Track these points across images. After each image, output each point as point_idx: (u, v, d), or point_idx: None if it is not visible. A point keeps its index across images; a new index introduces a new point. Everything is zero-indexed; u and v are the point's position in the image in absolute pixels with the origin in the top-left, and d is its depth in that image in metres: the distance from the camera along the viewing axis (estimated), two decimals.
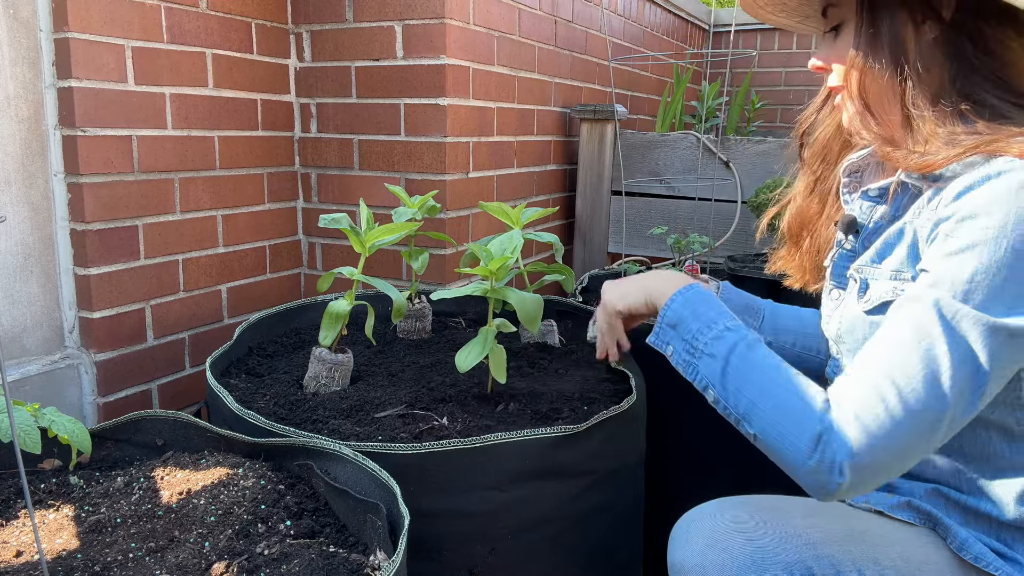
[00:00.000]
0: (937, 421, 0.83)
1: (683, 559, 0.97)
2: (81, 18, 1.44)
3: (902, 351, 0.84)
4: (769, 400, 0.90)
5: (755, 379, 0.93)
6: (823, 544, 0.93)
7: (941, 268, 0.85)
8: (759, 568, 0.91)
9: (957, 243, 0.84)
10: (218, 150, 1.75)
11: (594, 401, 1.25)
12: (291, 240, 2.01)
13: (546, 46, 2.27)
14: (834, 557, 0.92)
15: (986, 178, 0.84)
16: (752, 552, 0.92)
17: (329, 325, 1.27)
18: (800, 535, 0.94)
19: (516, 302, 1.21)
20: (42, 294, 1.50)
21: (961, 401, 0.82)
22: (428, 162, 1.85)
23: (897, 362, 0.84)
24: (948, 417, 0.83)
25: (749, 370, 0.94)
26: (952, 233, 0.85)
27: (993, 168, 0.84)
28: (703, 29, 3.86)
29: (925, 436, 0.83)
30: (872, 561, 0.93)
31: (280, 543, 0.89)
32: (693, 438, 1.57)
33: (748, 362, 0.94)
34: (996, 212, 0.82)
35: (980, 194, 0.84)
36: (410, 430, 1.13)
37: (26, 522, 0.96)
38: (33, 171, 1.46)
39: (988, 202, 0.82)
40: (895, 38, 0.93)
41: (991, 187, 0.83)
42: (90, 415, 1.55)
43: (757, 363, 0.94)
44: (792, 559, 0.92)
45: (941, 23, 0.93)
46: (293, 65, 1.94)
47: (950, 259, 0.84)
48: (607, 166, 2.40)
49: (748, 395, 0.92)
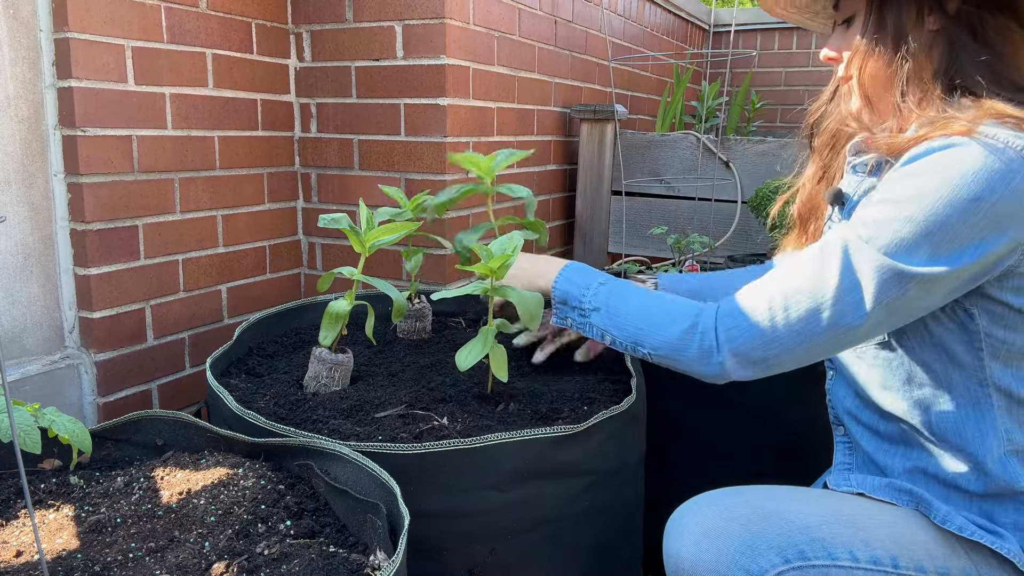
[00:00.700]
0: (815, 335, 0.96)
1: (678, 550, 0.99)
2: (81, 18, 1.44)
3: (801, 268, 0.98)
4: (645, 318, 1.08)
5: (630, 308, 1.10)
6: (814, 528, 0.97)
7: (866, 212, 0.95)
8: (753, 553, 0.94)
9: (886, 194, 0.94)
10: (218, 150, 1.75)
11: (594, 401, 1.25)
12: (291, 240, 2.01)
13: (546, 46, 2.27)
14: (826, 540, 0.96)
15: (932, 148, 0.92)
16: (746, 538, 0.95)
17: (329, 325, 1.27)
18: (792, 520, 0.97)
19: (517, 300, 1.20)
20: (42, 294, 1.50)
21: (840, 323, 0.94)
22: (428, 162, 1.85)
23: (793, 276, 0.98)
24: (828, 334, 0.95)
25: (624, 304, 1.11)
26: (887, 186, 0.94)
27: (945, 140, 0.91)
28: (703, 29, 3.86)
29: (803, 344, 0.97)
30: (862, 543, 0.96)
31: (280, 543, 0.89)
32: (693, 437, 1.57)
33: (622, 298, 1.12)
34: (928, 176, 0.90)
35: (925, 160, 0.92)
36: (410, 430, 1.13)
37: (26, 522, 0.96)
38: (33, 171, 1.46)
39: (926, 167, 0.91)
40: (899, 27, 0.99)
41: (935, 156, 0.91)
42: (90, 415, 1.55)
43: (628, 296, 1.12)
44: (785, 543, 0.95)
45: (945, 15, 0.98)
46: (293, 65, 1.94)
47: (876, 206, 0.94)
48: (607, 166, 2.40)
49: (631, 323, 1.09)
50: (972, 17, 0.97)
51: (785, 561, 0.93)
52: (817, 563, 0.94)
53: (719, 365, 1.01)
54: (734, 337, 1.00)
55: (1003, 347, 0.97)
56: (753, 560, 0.93)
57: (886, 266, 0.91)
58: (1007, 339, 0.96)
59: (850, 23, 1.06)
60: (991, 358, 0.97)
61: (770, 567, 0.93)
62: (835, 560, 0.95)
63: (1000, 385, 0.98)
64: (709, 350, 1.01)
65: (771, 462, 1.46)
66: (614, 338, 1.11)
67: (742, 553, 0.94)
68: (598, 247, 2.47)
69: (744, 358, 1.00)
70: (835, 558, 0.95)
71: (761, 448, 1.52)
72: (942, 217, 0.89)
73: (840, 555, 0.95)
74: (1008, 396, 0.98)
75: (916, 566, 0.96)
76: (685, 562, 0.97)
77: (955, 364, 0.99)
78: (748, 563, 0.93)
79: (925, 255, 0.90)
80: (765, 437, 1.50)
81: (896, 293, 0.92)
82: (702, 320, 1.03)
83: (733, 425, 1.54)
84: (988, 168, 0.87)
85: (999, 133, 0.89)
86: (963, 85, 0.97)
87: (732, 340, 1.00)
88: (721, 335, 1.01)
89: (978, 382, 0.98)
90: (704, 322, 1.03)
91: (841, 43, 1.08)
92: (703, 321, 1.03)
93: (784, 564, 0.93)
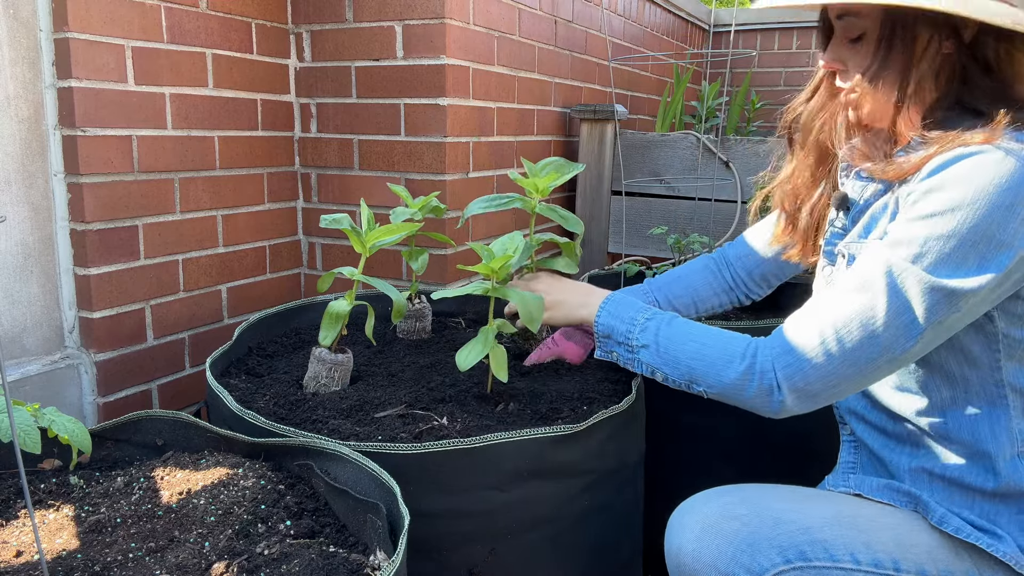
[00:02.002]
0: (870, 361, 0.96)
1: (680, 545, 1.00)
2: (81, 18, 1.44)
3: (847, 297, 0.97)
4: (699, 357, 1.08)
5: (682, 347, 1.10)
6: (816, 529, 0.97)
7: (901, 231, 0.95)
8: (753, 551, 0.94)
9: (920, 210, 0.93)
10: (218, 150, 1.75)
11: (594, 401, 1.25)
12: (291, 240, 2.01)
13: (546, 46, 2.27)
14: (827, 542, 0.96)
15: (958, 157, 0.91)
16: (746, 536, 0.96)
17: (329, 325, 1.27)
18: (793, 520, 0.97)
19: (517, 301, 1.20)
20: (42, 294, 1.50)
21: (895, 347, 0.94)
22: (428, 162, 1.85)
23: (840, 305, 0.97)
24: (883, 359, 0.95)
25: (674, 342, 1.11)
26: (919, 201, 0.93)
27: (966, 149, 0.91)
28: (703, 29, 3.86)
29: (860, 372, 0.97)
30: (864, 545, 0.97)
31: (280, 543, 0.89)
32: (693, 437, 1.57)
33: (671, 336, 1.12)
34: (960, 187, 0.90)
35: (951, 170, 0.91)
36: (410, 430, 1.13)
37: (26, 522, 0.96)
38: (33, 171, 1.46)
39: (955, 177, 0.91)
40: (910, 53, 0.98)
41: (961, 165, 0.91)
42: (90, 415, 1.55)
43: (678, 332, 1.12)
44: (786, 543, 0.95)
45: (960, 43, 0.97)
46: (293, 65, 1.94)
47: (911, 224, 0.94)
48: (607, 166, 2.40)
49: (685, 362, 1.09)
50: (987, 46, 0.97)
51: (786, 561, 0.94)
52: (818, 564, 0.94)
53: (780, 404, 1.01)
54: (792, 375, 1.00)
55: (1020, 347, 0.97)
56: (753, 558, 0.94)
57: (935, 285, 0.91)
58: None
59: (857, 40, 1.04)
60: (1007, 358, 0.98)
61: (771, 566, 0.93)
62: (836, 562, 0.95)
63: (1016, 385, 0.98)
64: (769, 390, 1.01)
65: (772, 462, 1.46)
66: (666, 375, 1.12)
67: (743, 551, 0.94)
68: (598, 247, 2.47)
69: (804, 393, 1.00)
70: (836, 560, 0.95)
71: (762, 448, 1.52)
72: (982, 228, 0.89)
73: (841, 557, 0.95)
74: (1022, 396, 0.98)
75: (918, 569, 0.96)
76: (686, 557, 0.98)
77: (972, 365, 1.00)
78: (749, 561, 0.94)
79: (971, 268, 0.90)
80: (766, 437, 1.50)
81: (947, 311, 0.92)
82: (759, 360, 1.03)
83: (734, 424, 1.53)
84: (1018, 173, 0.88)
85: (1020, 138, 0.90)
86: (966, 104, 0.98)
87: (791, 378, 1.00)
88: (780, 374, 1.01)
89: (994, 383, 0.99)
90: (761, 363, 1.02)
91: (847, 57, 1.06)
92: (760, 362, 1.03)
93: (785, 564, 0.94)
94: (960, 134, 0.93)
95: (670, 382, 1.12)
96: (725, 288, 1.46)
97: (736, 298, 1.47)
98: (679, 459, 1.56)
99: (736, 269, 1.45)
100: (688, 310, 1.46)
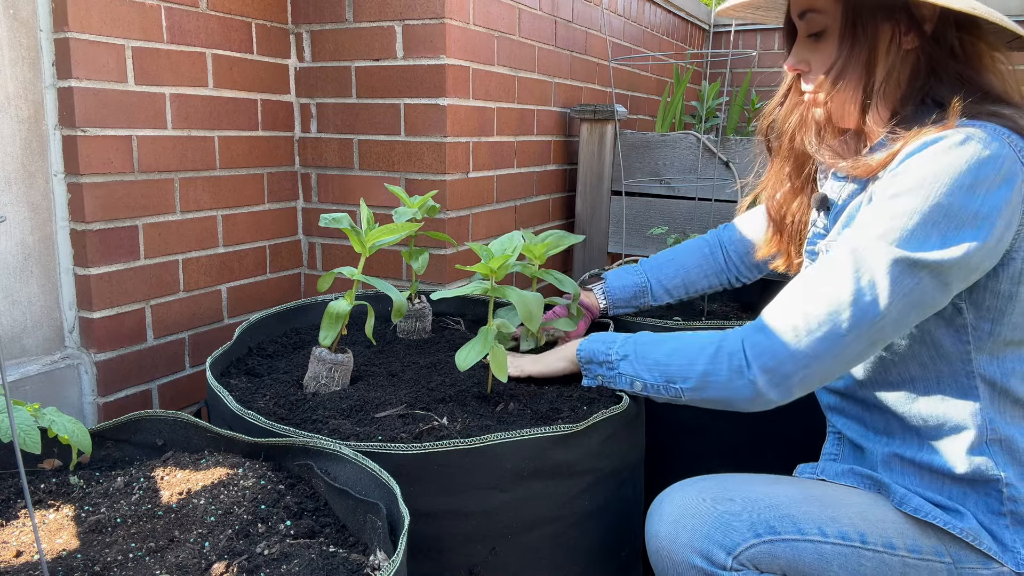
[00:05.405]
0: (839, 338, 0.97)
1: (657, 528, 1.04)
2: (81, 18, 1.44)
3: (815, 276, 1.00)
4: (673, 353, 1.11)
5: (657, 349, 1.14)
6: (784, 506, 1.01)
7: (867, 214, 0.98)
8: (726, 528, 0.98)
9: (885, 194, 0.97)
10: (218, 150, 1.75)
11: (594, 401, 1.25)
12: (291, 240, 2.01)
13: (546, 46, 2.27)
14: (795, 517, 1.00)
15: (922, 146, 0.95)
16: (719, 515, 1.00)
17: (329, 325, 1.27)
18: (762, 499, 1.02)
19: (517, 300, 1.21)
20: (42, 294, 1.50)
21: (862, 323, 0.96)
22: (428, 162, 1.85)
23: (808, 285, 1.01)
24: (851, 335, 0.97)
25: (650, 347, 1.15)
26: (887, 187, 0.97)
27: (928, 137, 0.95)
28: (703, 29, 3.86)
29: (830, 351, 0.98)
30: (831, 519, 1.01)
31: (280, 543, 0.89)
32: (692, 437, 1.57)
33: (648, 343, 1.16)
34: (922, 169, 0.93)
35: (915, 158, 0.95)
36: (410, 430, 1.13)
37: (26, 522, 0.96)
38: (33, 171, 1.46)
39: (918, 163, 0.94)
40: (874, 47, 1.01)
41: (923, 153, 0.95)
42: (90, 415, 1.55)
43: (654, 340, 1.16)
44: (756, 519, 0.99)
45: (922, 36, 1.00)
46: (293, 65, 1.94)
47: (876, 206, 0.97)
48: (607, 166, 2.40)
49: (660, 360, 1.13)
50: (949, 37, 1.00)
51: (756, 535, 0.98)
52: (787, 537, 0.98)
53: (751, 384, 1.03)
54: (760, 353, 1.02)
55: (989, 339, 1.00)
56: (727, 535, 0.98)
57: (898, 257, 0.93)
58: (993, 331, 1.00)
59: (819, 37, 1.06)
60: (977, 351, 1.01)
61: (742, 540, 0.97)
62: (804, 535, 0.99)
63: (986, 376, 1.01)
64: (739, 368, 1.03)
65: (770, 461, 1.46)
66: (645, 382, 1.15)
67: (716, 529, 0.98)
68: (598, 247, 2.47)
69: (775, 373, 1.02)
70: (804, 533, 0.99)
71: (761, 447, 1.52)
72: (944, 207, 0.92)
73: (809, 530, 0.99)
74: (992, 386, 1.01)
75: (885, 543, 1.00)
76: (663, 540, 1.02)
77: (943, 357, 1.02)
78: (722, 538, 0.98)
79: (934, 242, 0.92)
80: (764, 436, 1.50)
81: (911, 283, 0.94)
82: (728, 341, 1.06)
83: (732, 424, 1.54)
84: (979, 155, 0.91)
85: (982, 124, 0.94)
86: (934, 98, 1.01)
87: (760, 356, 1.02)
88: (749, 353, 1.03)
89: (965, 374, 1.02)
90: (731, 342, 1.05)
91: (810, 56, 1.08)
92: (729, 342, 1.06)
93: (755, 538, 0.98)
94: (924, 127, 0.96)
95: (649, 388, 1.15)
96: (717, 270, 1.51)
97: (727, 280, 1.52)
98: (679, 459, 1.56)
99: (729, 252, 1.50)
100: (679, 292, 1.51)
